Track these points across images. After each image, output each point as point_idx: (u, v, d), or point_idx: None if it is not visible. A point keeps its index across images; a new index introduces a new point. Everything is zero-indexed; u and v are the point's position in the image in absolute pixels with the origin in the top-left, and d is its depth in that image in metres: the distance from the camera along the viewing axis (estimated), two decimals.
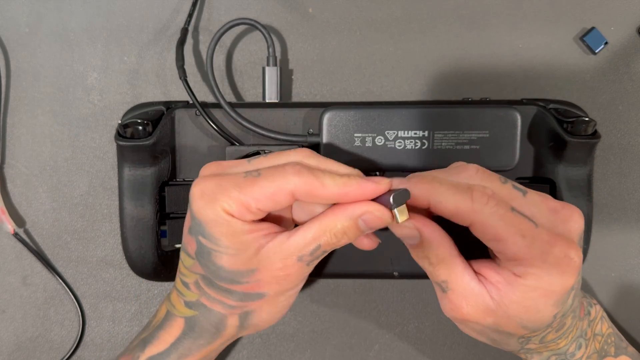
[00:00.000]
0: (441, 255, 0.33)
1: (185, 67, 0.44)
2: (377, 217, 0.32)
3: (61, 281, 0.49)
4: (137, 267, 0.44)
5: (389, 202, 0.31)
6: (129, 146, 0.40)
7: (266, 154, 0.34)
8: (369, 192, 0.32)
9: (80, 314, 0.49)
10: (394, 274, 0.43)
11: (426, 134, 0.40)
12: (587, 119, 0.41)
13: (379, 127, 0.40)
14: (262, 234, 0.32)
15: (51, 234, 0.49)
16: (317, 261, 0.34)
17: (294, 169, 0.31)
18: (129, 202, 0.42)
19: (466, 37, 0.48)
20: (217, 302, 0.35)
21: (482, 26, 0.48)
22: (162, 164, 0.42)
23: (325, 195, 0.31)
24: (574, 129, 0.40)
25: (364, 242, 0.35)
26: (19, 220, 0.49)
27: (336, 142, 0.40)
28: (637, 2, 0.48)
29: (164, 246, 0.44)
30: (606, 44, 0.47)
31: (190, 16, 0.47)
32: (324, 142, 0.40)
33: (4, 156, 0.48)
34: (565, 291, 0.32)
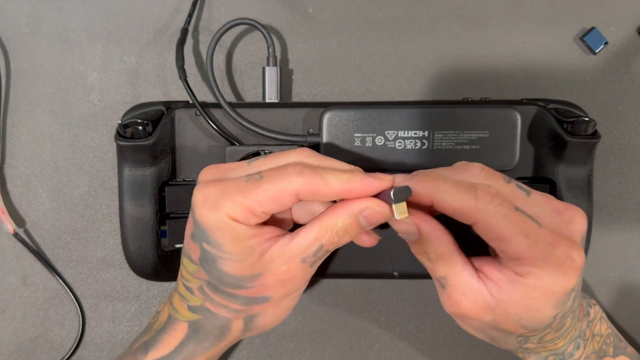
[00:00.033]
0: (440, 251, 0.33)
1: (185, 67, 0.44)
2: (377, 212, 0.32)
3: (61, 281, 0.49)
4: (137, 267, 0.44)
5: (390, 197, 0.31)
6: (129, 146, 0.40)
7: (266, 154, 0.34)
8: (372, 187, 0.32)
9: (80, 314, 0.49)
10: (394, 274, 0.43)
11: (426, 134, 0.40)
12: (587, 119, 0.40)
13: (379, 127, 0.40)
14: (265, 238, 0.32)
15: (51, 234, 0.49)
16: (320, 262, 0.34)
17: (296, 169, 0.31)
18: (129, 202, 0.42)
19: (466, 37, 0.48)
20: (222, 307, 0.35)
21: (482, 26, 0.48)
22: (162, 164, 0.42)
23: (329, 192, 0.31)
24: (574, 129, 0.40)
25: (364, 239, 0.35)
26: (19, 220, 0.49)
27: (336, 142, 0.40)
28: (637, 2, 0.48)
29: (164, 246, 0.44)
30: (606, 44, 0.47)
31: (190, 16, 0.47)
32: (324, 142, 0.40)
33: (4, 156, 0.48)
34: (566, 292, 0.32)
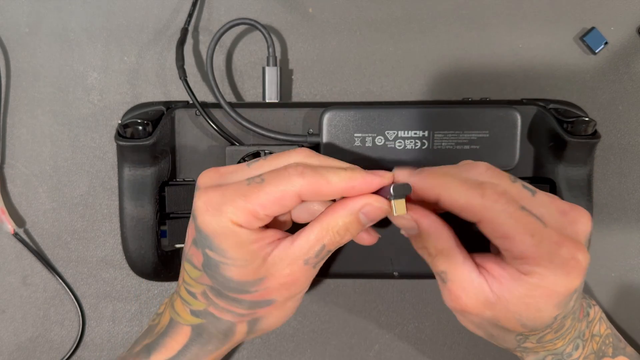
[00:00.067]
0: (439, 246, 0.33)
1: (185, 67, 0.44)
2: (376, 207, 0.32)
3: (61, 281, 0.49)
4: (137, 267, 0.43)
5: (389, 193, 0.31)
6: (129, 146, 0.40)
7: (266, 154, 0.34)
8: (373, 184, 0.32)
9: (80, 314, 0.49)
10: (394, 274, 0.43)
11: (426, 134, 0.40)
12: (587, 119, 0.40)
13: (379, 127, 0.40)
14: (267, 242, 0.32)
15: (51, 234, 0.49)
16: (322, 262, 0.34)
17: (297, 170, 0.31)
18: (129, 202, 0.42)
19: (466, 37, 0.48)
20: (226, 312, 0.35)
21: (482, 26, 0.48)
22: (162, 164, 0.42)
23: (331, 191, 0.31)
24: (574, 129, 0.40)
25: (364, 237, 0.35)
26: (19, 220, 0.49)
27: (336, 142, 0.40)
28: (637, 2, 0.48)
29: (164, 246, 0.44)
30: (606, 44, 0.47)
31: (190, 16, 0.47)
32: (324, 142, 0.40)
33: (4, 156, 0.48)
34: (569, 293, 0.32)
